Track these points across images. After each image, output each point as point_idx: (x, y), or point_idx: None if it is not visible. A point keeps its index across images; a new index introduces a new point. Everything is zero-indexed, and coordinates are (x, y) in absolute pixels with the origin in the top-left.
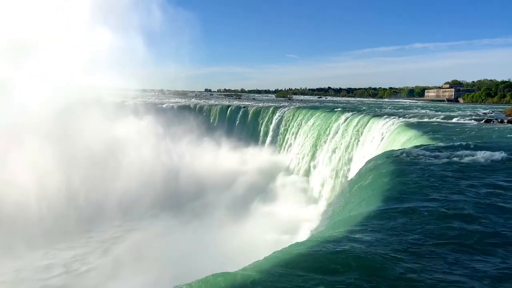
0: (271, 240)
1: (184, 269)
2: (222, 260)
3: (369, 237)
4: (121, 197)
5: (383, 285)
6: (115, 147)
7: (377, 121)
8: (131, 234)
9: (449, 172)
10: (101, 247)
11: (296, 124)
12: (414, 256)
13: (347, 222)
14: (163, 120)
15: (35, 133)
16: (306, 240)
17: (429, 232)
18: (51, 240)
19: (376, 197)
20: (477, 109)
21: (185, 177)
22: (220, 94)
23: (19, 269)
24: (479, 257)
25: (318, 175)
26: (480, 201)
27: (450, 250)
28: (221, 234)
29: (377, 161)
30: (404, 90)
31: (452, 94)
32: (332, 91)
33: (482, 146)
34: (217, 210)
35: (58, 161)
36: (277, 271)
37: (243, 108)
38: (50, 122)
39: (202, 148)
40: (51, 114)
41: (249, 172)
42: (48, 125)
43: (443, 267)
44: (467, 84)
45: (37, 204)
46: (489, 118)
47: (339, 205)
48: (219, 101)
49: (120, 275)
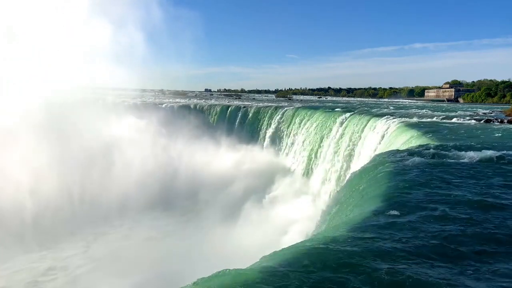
0: (270, 240)
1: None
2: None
3: (368, 238)
4: (118, 197)
5: (383, 285)
6: (114, 147)
7: (377, 121)
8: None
9: (450, 172)
10: (92, 247)
11: (296, 125)
12: (414, 255)
13: (347, 222)
14: (162, 120)
15: (34, 133)
16: (306, 241)
17: (429, 232)
18: (46, 241)
19: (376, 197)
20: (477, 109)
21: (184, 178)
22: (220, 94)
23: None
24: (479, 257)
25: (318, 175)
26: (480, 201)
27: (450, 250)
28: (218, 234)
29: (377, 161)
30: (404, 90)
31: (452, 94)
32: (332, 91)
33: (482, 146)
34: (214, 210)
35: (55, 161)
36: (278, 271)
37: (243, 108)
38: (48, 122)
39: (201, 148)
40: (50, 114)
41: (249, 172)
42: (46, 125)
43: (444, 267)
44: (467, 84)
45: (33, 203)
46: (489, 118)
47: (339, 205)
48: (219, 101)
49: (108, 276)
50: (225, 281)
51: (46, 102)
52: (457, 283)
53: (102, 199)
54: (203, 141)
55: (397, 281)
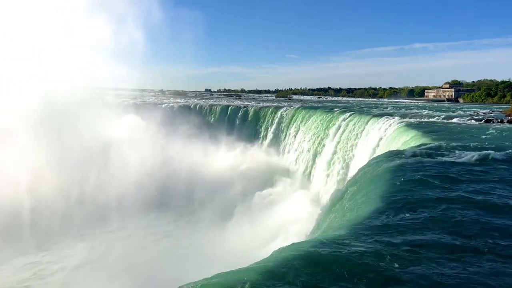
0: (269, 241)
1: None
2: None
3: (368, 238)
4: (117, 197)
5: (383, 284)
6: (113, 147)
7: (377, 121)
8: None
9: (450, 172)
10: (90, 247)
11: (296, 125)
12: (413, 256)
13: (347, 222)
14: (162, 120)
15: (34, 132)
16: (305, 241)
17: (430, 232)
18: (43, 241)
19: (376, 197)
20: (477, 109)
21: (183, 178)
22: (220, 94)
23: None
24: (480, 257)
25: (318, 176)
26: (481, 200)
27: (451, 250)
28: (215, 235)
29: (378, 161)
30: (404, 90)
31: (452, 94)
32: (332, 91)
33: (482, 146)
34: (213, 211)
35: (55, 161)
36: (279, 271)
37: (243, 108)
38: (48, 122)
39: (201, 148)
40: (49, 114)
41: (249, 172)
42: (46, 125)
43: (445, 268)
44: (467, 84)
45: (31, 203)
46: (489, 118)
47: (339, 205)
48: (219, 101)
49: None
50: (225, 281)
51: (46, 102)
52: (458, 282)
53: (100, 199)
54: (203, 141)
55: (398, 281)
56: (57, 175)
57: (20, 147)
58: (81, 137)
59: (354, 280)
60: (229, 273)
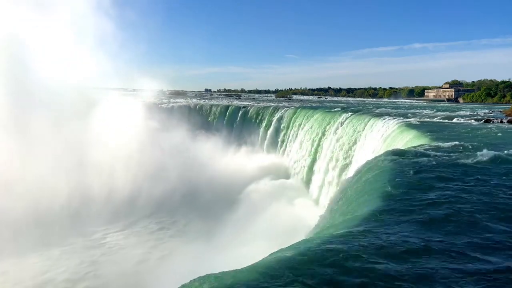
0: (268, 241)
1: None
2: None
3: (368, 238)
4: (116, 198)
5: (383, 284)
6: (112, 147)
7: (377, 121)
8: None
9: (450, 172)
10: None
11: (295, 125)
12: (413, 256)
13: (347, 222)
14: (162, 120)
15: (33, 132)
16: (305, 240)
17: (430, 232)
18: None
19: (376, 198)
20: (477, 109)
21: (183, 178)
22: (220, 94)
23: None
24: (482, 256)
25: (318, 176)
26: (481, 201)
27: (452, 250)
28: (212, 235)
29: (378, 161)
30: (404, 90)
31: (452, 94)
32: (332, 91)
33: (482, 146)
34: (212, 211)
35: (54, 160)
36: (279, 271)
37: (243, 108)
38: (48, 122)
39: (200, 148)
40: (48, 114)
41: (248, 172)
42: (46, 125)
43: (446, 268)
44: (467, 84)
45: (33, 203)
46: (489, 118)
47: (339, 205)
48: (219, 101)
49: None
50: (224, 281)
51: (46, 102)
52: (459, 282)
53: (100, 200)
54: (202, 141)
55: (398, 281)
56: (57, 174)
57: (20, 147)
58: (81, 136)
59: (353, 280)
60: (228, 274)
